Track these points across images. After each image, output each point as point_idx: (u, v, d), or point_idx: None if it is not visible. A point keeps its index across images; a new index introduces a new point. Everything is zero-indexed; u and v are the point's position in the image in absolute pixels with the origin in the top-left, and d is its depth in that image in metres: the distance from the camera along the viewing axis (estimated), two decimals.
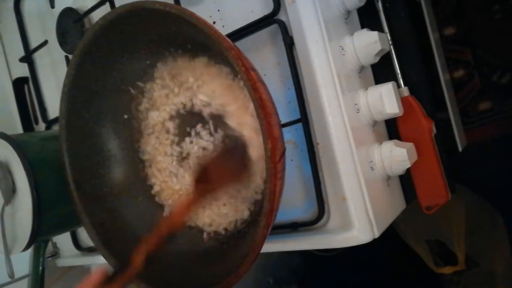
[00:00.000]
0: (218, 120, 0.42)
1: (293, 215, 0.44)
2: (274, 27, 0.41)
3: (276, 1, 0.40)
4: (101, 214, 0.47)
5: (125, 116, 0.48)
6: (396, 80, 0.46)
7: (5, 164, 0.48)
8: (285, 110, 0.43)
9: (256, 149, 0.39)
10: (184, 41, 0.42)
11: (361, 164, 0.40)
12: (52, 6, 0.59)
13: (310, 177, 0.41)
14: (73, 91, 0.44)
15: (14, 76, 0.69)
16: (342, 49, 0.42)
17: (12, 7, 0.67)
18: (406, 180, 0.48)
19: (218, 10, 0.46)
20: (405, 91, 0.46)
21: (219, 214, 0.43)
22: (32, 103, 0.68)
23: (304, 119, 0.40)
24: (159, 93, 0.47)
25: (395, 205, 0.46)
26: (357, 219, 0.39)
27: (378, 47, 0.41)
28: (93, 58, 0.43)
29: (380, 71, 0.47)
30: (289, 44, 0.40)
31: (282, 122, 0.42)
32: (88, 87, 0.45)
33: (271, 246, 0.44)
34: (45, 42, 0.62)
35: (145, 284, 0.40)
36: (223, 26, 0.46)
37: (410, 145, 0.43)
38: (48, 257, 0.68)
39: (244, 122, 0.39)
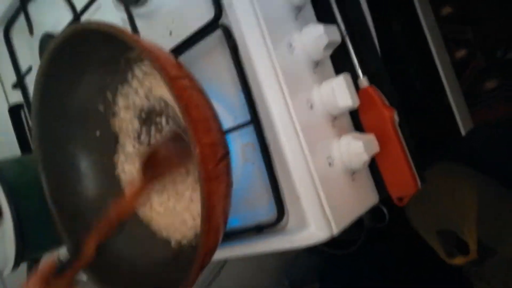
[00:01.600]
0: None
1: (257, 218, 0.44)
2: (219, 32, 0.42)
3: (217, 6, 0.41)
4: (80, 230, 0.49)
5: (97, 133, 0.50)
6: (355, 71, 0.46)
7: None
8: (241, 113, 0.43)
9: None
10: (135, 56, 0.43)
11: (314, 160, 0.39)
12: (31, 33, 0.62)
13: None
14: (42, 112, 0.46)
15: (12, 102, 0.73)
16: (291, 46, 0.42)
17: (2, 37, 0.70)
18: (376, 173, 0.47)
19: (173, 21, 0.47)
20: (365, 81, 0.45)
21: (180, 222, 0.44)
22: (29, 127, 0.72)
23: (254, 121, 0.40)
24: (124, 103, 0.48)
25: (363, 200, 0.45)
26: (312, 217, 0.39)
27: (324, 40, 0.41)
28: (56, 79, 0.45)
29: (339, 64, 0.47)
30: (233, 47, 0.40)
31: (236, 125, 0.42)
32: (56, 108, 0.47)
33: (237, 250, 0.44)
34: (30, 68, 0.65)
35: None
36: (178, 35, 0.47)
37: (369, 136, 0.42)
38: None
39: None
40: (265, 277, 1.12)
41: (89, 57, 0.44)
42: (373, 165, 0.47)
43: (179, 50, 0.45)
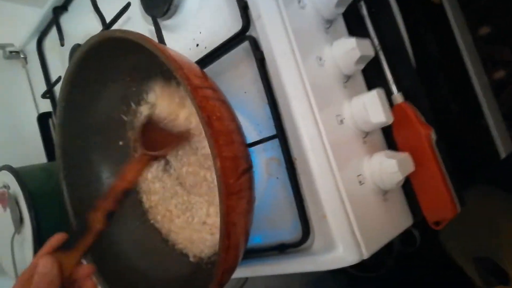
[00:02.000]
0: None
1: (281, 237, 0.41)
2: (247, 43, 0.40)
3: (245, 17, 0.40)
4: (100, 243, 0.48)
5: (120, 143, 0.49)
6: (388, 87, 0.43)
7: (13, 196, 0.50)
8: (266, 126, 0.41)
9: None
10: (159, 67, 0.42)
11: (343, 178, 0.37)
12: (62, 45, 0.63)
13: None
14: (66, 122, 0.46)
15: (41, 111, 0.74)
16: (320, 59, 0.40)
17: (35, 48, 0.72)
18: (411, 194, 0.44)
19: (200, 32, 0.46)
20: (399, 97, 0.43)
21: (199, 236, 0.42)
22: None
23: (280, 135, 0.39)
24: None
25: (396, 221, 0.42)
26: (339, 238, 0.36)
27: (357, 54, 0.39)
28: (80, 89, 0.45)
29: (372, 79, 0.45)
30: (260, 59, 0.39)
31: (260, 136, 0.40)
32: (80, 117, 0.47)
33: (259, 269, 0.42)
34: (59, 79, 0.66)
35: None
36: (205, 47, 0.46)
37: (404, 155, 0.40)
38: None
39: None
40: None
41: (114, 66, 0.43)
42: (407, 186, 0.44)
43: (205, 61, 0.44)
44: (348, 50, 0.39)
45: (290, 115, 0.38)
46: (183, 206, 0.45)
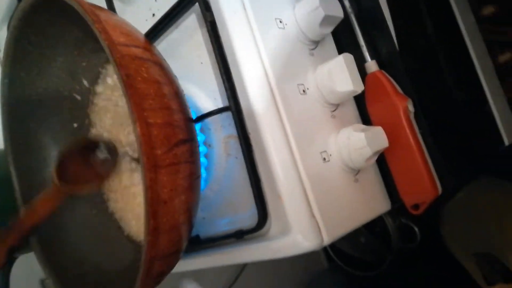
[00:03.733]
0: None
1: (240, 222, 0.37)
2: (197, 6, 0.36)
3: None
4: (50, 230, 0.44)
5: (74, 125, 0.46)
6: (362, 54, 0.39)
7: None
8: (224, 99, 0.37)
9: None
10: None
11: (303, 154, 0.32)
12: None
13: None
14: (12, 100, 0.43)
15: None
16: (280, 22, 0.36)
17: None
18: (388, 175, 0.39)
19: (155, 0, 0.42)
20: (373, 65, 0.38)
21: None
22: None
23: (233, 106, 0.34)
24: (104, 98, 0.44)
25: (369, 205, 0.37)
26: (295, 221, 0.31)
27: (321, 13, 0.34)
28: (24, 64, 0.41)
29: (344, 45, 0.40)
30: (211, 21, 0.35)
31: (212, 110, 0.36)
32: (28, 96, 0.43)
33: (217, 258, 0.38)
34: None
35: None
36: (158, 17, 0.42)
37: (375, 128, 0.35)
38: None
39: None
40: None
41: (58, 37, 0.39)
42: (385, 167, 0.39)
43: (158, 29, 0.40)
44: (311, 10, 0.35)
45: (242, 84, 0.33)
46: (133, 195, 0.41)
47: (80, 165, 0.37)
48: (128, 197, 0.43)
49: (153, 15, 0.43)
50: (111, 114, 0.44)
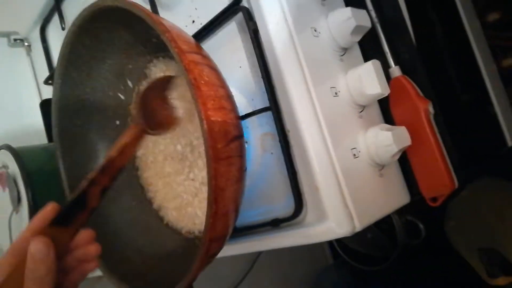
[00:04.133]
0: None
1: (275, 212, 0.41)
2: (240, 15, 0.40)
3: None
4: (95, 218, 0.47)
5: (117, 122, 0.49)
6: (386, 60, 0.43)
7: (12, 176, 0.51)
8: (261, 100, 0.41)
9: None
10: (156, 39, 0.42)
11: (337, 150, 0.36)
12: (63, 29, 0.64)
13: None
14: (62, 99, 0.46)
15: (44, 97, 0.75)
16: (315, 30, 0.40)
17: (39, 35, 0.73)
18: (408, 170, 0.43)
19: (196, 9, 0.46)
20: (396, 70, 0.42)
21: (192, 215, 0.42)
22: None
23: (273, 107, 0.38)
24: None
25: (392, 198, 0.41)
26: (331, 209, 0.35)
27: (352, 23, 0.38)
28: (76, 66, 0.45)
29: (370, 52, 0.44)
30: (253, 30, 0.39)
31: (254, 110, 0.40)
32: (77, 95, 0.47)
33: (254, 244, 0.41)
34: None
35: (118, 280, 0.40)
36: (201, 24, 0.45)
37: (400, 128, 0.39)
38: None
39: None
40: (293, 287, 1.08)
41: (109, 41, 0.43)
42: (405, 163, 0.43)
43: (201, 35, 0.44)
44: (344, 20, 0.38)
45: (283, 86, 0.37)
46: (176, 183, 0.45)
47: (157, 106, 0.39)
48: (167, 188, 0.47)
49: (193, 21, 0.46)
50: None
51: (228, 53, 0.43)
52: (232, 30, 0.42)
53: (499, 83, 0.80)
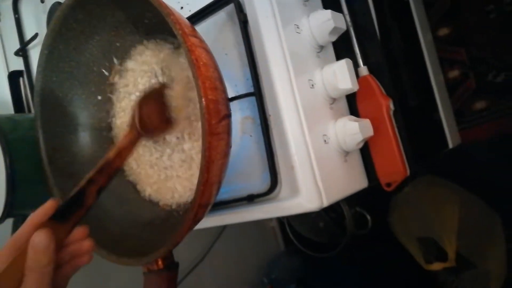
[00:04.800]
0: None
1: (251, 189, 0.45)
2: (231, 6, 0.43)
3: None
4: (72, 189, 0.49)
5: (99, 98, 0.51)
6: (356, 60, 0.48)
7: None
8: (244, 86, 0.45)
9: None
10: (148, 20, 0.44)
11: (311, 135, 0.41)
12: (42, 1, 0.63)
13: None
14: (47, 70, 0.47)
15: (12, 69, 0.73)
16: (298, 27, 0.44)
17: (10, 4, 0.71)
18: (368, 159, 0.48)
19: None
20: (364, 70, 0.48)
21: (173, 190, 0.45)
22: (26, 95, 0.72)
23: (257, 93, 0.42)
24: (132, 73, 0.49)
25: (353, 181, 0.46)
26: (304, 186, 0.40)
27: (331, 24, 0.43)
28: (65, 38, 0.46)
29: (342, 51, 0.49)
30: (243, 21, 0.42)
31: (240, 94, 0.43)
32: (62, 67, 0.48)
33: (230, 217, 0.45)
34: (35, 35, 0.66)
35: (105, 251, 0.42)
36: (190, 10, 0.48)
37: (365, 120, 0.44)
38: None
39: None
40: (246, 272, 1.13)
41: (101, 18, 0.45)
42: (365, 154, 0.48)
43: (191, 22, 0.46)
44: (324, 21, 0.43)
45: (268, 75, 0.41)
46: (155, 158, 0.48)
47: (152, 112, 0.42)
48: (144, 164, 0.49)
49: (182, 8, 0.49)
50: (136, 89, 0.50)
51: (216, 40, 0.46)
52: (221, 19, 0.46)
53: (445, 92, 0.89)
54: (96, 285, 0.78)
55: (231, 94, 0.45)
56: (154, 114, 0.42)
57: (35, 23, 0.69)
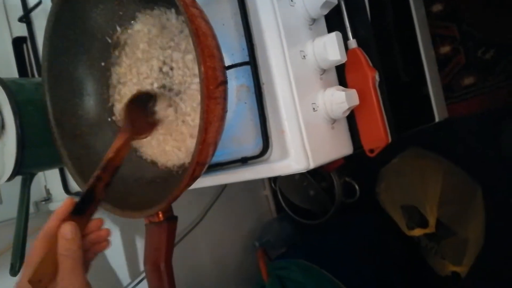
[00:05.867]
0: None
1: (244, 152, 0.49)
2: None
3: None
4: (78, 149, 0.53)
5: (102, 64, 0.54)
6: (346, 33, 0.51)
7: None
8: (240, 56, 0.48)
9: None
10: None
11: (301, 103, 0.44)
12: None
13: None
14: (53, 37, 0.50)
15: (15, 35, 0.75)
16: (291, 1, 0.47)
17: None
18: (353, 128, 0.52)
19: None
20: (353, 43, 0.51)
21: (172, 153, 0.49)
22: (30, 60, 0.75)
23: (252, 62, 0.45)
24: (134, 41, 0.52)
25: (339, 147, 0.50)
26: (293, 149, 0.44)
27: None
28: (70, 7, 0.48)
29: (333, 25, 0.52)
30: None
31: (235, 63, 0.47)
32: (67, 35, 0.50)
33: (224, 177, 0.49)
34: (39, 3, 0.68)
35: (110, 205, 0.46)
36: None
37: (352, 90, 0.48)
38: (42, 201, 0.75)
39: None
40: (240, 237, 1.18)
41: None
42: (352, 122, 0.52)
43: None
44: None
45: (263, 45, 0.44)
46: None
47: (138, 116, 0.47)
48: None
49: None
50: (135, 55, 0.53)
51: (213, 11, 0.49)
52: None
53: (434, 67, 0.92)
54: None
55: (228, 62, 0.49)
56: (140, 117, 0.48)
57: None
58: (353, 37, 0.51)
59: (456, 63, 1.07)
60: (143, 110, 0.48)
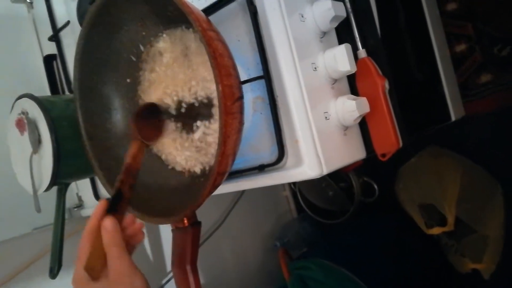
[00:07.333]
0: None
1: (261, 159, 0.52)
2: None
3: None
4: (108, 160, 0.57)
5: (128, 80, 0.58)
6: (355, 44, 0.53)
7: (33, 121, 0.59)
8: (255, 70, 0.51)
9: None
10: (170, 14, 0.50)
11: (313, 113, 0.47)
12: None
13: None
14: (83, 58, 0.54)
15: (46, 53, 0.81)
16: (302, 16, 0.49)
17: None
18: (366, 133, 0.54)
19: None
20: (363, 53, 0.53)
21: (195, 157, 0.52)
22: (60, 76, 0.80)
23: (266, 76, 0.48)
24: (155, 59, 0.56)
25: (352, 152, 0.53)
26: (306, 157, 0.46)
27: (331, 13, 0.48)
28: (98, 30, 0.52)
29: (343, 36, 0.54)
30: (253, 12, 0.48)
31: (248, 78, 0.50)
32: (96, 55, 0.55)
33: (243, 184, 0.52)
34: (67, 23, 0.73)
35: (139, 212, 0.50)
36: (206, 0, 0.54)
37: (362, 98, 0.50)
38: (74, 208, 0.80)
39: None
40: (261, 238, 1.21)
41: (128, 12, 0.51)
42: (364, 128, 0.55)
43: (207, 12, 0.52)
44: (325, 10, 0.48)
45: (275, 60, 0.47)
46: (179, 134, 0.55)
47: (144, 126, 0.52)
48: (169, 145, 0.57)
49: None
50: (157, 73, 0.57)
51: (229, 28, 0.52)
52: (233, 9, 0.51)
53: (450, 66, 0.92)
54: None
55: (244, 76, 0.52)
56: (147, 126, 0.52)
57: (65, 9, 0.75)
58: (363, 47, 0.53)
59: (473, 61, 1.07)
60: (149, 120, 0.52)
